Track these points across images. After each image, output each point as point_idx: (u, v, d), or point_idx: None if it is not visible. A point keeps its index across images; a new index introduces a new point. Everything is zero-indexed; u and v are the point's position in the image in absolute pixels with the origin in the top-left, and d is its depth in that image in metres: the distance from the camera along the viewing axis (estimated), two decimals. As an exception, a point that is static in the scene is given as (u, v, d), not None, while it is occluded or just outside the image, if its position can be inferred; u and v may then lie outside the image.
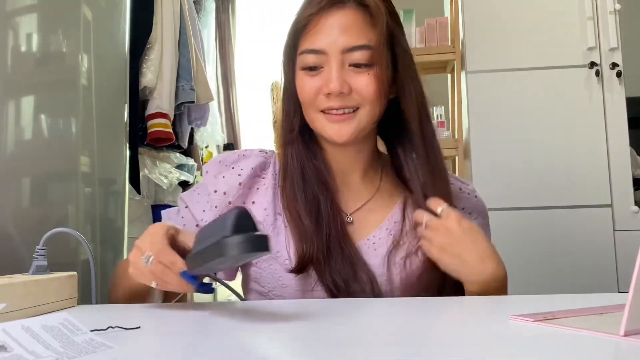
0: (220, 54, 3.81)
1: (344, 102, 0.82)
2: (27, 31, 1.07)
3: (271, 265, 0.85)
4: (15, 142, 1.03)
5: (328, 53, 0.82)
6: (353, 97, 0.83)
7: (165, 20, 2.25)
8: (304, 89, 0.84)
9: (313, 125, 0.87)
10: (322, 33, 0.83)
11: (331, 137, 0.84)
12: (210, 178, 0.90)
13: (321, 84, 0.83)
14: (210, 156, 3.42)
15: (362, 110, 0.84)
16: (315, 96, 0.84)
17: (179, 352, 0.47)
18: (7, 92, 1.02)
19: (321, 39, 0.83)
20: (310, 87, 0.84)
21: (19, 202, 1.04)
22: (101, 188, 1.19)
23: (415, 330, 0.53)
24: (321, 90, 0.83)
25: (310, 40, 0.83)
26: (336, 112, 0.83)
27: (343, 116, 0.83)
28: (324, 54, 0.83)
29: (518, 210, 1.97)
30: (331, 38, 0.82)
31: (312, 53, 0.83)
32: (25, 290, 0.65)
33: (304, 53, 0.84)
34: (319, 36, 0.83)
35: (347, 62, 0.83)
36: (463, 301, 0.77)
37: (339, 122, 0.83)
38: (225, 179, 0.89)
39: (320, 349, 0.47)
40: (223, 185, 0.89)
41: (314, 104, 0.84)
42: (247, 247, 0.55)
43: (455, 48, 2.18)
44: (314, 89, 0.83)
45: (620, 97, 1.98)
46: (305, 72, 0.85)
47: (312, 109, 0.85)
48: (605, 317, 0.55)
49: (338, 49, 0.82)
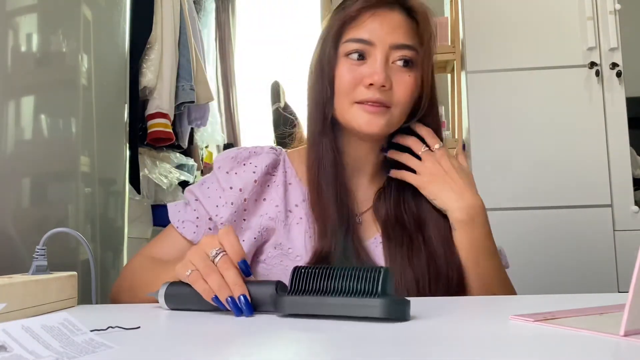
0: (220, 54, 3.81)
1: (382, 97, 0.83)
2: (27, 31, 1.07)
3: (282, 262, 0.86)
4: (15, 142, 1.03)
5: (375, 45, 0.83)
6: (391, 95, 0.84)
7: (165, 20, 2.25)
8: (346, 76, 0.84)
9: (343, 115, 0.86)
10: (371, 26, 0.84)
11: (361, 127, 0.84)
12: (223, 174, 0.89)
13: (364, 74, 0.83)
14: (210, 156, 3.42)
15: (394, 110, 0.85)
16: (355, 86, 0.84)
17: (179, 352, 0.47)
18: (7, 92, 1.02)
19: (370, 31, 0.84)
20: (353, 76, 0.84)
21: (19, 202, 1.04)
22: (101, 188, 1.19)
23: (415, 330, 0.53)
24: (363, 81, 0.83)
25: (360, 31, 0.84)
26: (372, 104, 0.83)
27: (377, 108, 0.83)
28: (370, 45, 0.84)
29: (518, 210, 1.97)
30: (380, 32, 0.84)
31: (359, 42, 0.84)
32: (25, 290, 0.65)
33: (350, 41, 0.84)
34: (367, 28, 0.84)
35: (391, 59, 0.84)
36: (463, 301, 0.77)
37: (372, 113, 0.83)
38: (238, 175, 0.89)
39: (320, 349, 0.47)
40: (238, 181, 0.88)
41: (352, 93, 0.84)
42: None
43: (455, 48, 2.18)
44: (357, 78, 0.83)
45: (620, 97, 1.98)
46: (348, 59, 0.85)
47: (348, 99, 0.84)
48: (605, 317, 0.55)
49: (386, 43, 0.83)
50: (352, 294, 0.56)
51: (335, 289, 0.57)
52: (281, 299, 0.60)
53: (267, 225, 0.87)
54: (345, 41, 0.85)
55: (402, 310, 0.56)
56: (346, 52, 0.85)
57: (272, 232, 0.87)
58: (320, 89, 0.87)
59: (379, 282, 0.55)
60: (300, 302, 0.59)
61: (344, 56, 0.85)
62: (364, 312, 0.55)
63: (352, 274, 0.57)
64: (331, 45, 0.86)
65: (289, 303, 0.60)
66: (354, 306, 0.55)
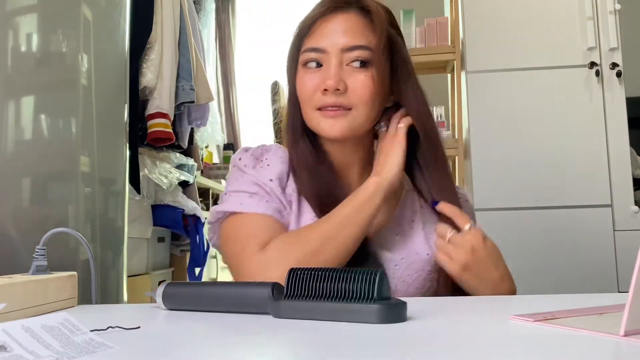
0: (220, 54, 3.81)
1: (338, 100, 0.85)
2: (27, 31, 1.07)
3: None
4: (15, 142, 1.03)
5: (328, 52, 0.86)
6: (348, 96, 0.85)
7: (165, 20, 2.25)
8: (303, 85, 0.88)
9: (310, 124, 0.89)
10: (324, 34, 0.87)
11: (325, 131, 0.86)
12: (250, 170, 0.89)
13: (319, 81, 0.86)
14: (210, 156, 3.42)
15: (355, 112, 0.86)
16: (313, 93, 0.86)
17: (179, 352, 0.47)
18: (7, 92, 1.02)
19: (323, 39, 0.86)
20: (310, 84, 0.87)
21: (19, 202, 1.04)
22: (101, 188, 1.18)
23: (414, 330, 0.53)
24: (319, 87, 0.85)
25: (313, 40, 0.87)
26: (331, 109, 0.85)
27: (337, 112, 0.85)
28: (324, 53, 0.86)
29: (518, 210, 1.97)
30: (333, 38, 0.86)
31: (313, 51, 0.87)
32: (25, 290, 0.65)
33: (306, 51, 0.88)
34: (321, 36, 0.87)
35: (345, 62, 0.86)
36: (463, 301, 0.77)
37: (333, 118, 0.85)
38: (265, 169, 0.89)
39: (318, 350, 0.47)
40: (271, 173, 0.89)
41: (311, 101, 0.87)
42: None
43: (455, 48, 2.18)
44: (313, 85, 0.86)
45: (620, 97, 1.98)
46: (305, 68, 0.88)
47: (309, 106, 0.87)
48: (605, 317, 0.55)
49: (338, 48, 0.85)
50: (348, 298, 0.57)
51: (332, 292, 0.58)
52: (277, 304, 0.60)
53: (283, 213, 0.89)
54: (302, 52, 0.89)
55: (398, 314, 0.57)
56: (303, 62, 0.88)
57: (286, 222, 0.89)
58: (291, 104, 0.92)
59: (374, 285, 0.56)
60: (296, 307, 0.59)
61: (302, 66, 0.89)
62: (361, 318, 0.55)
63: (348, 276, 0.58)
64: (292, 57, 0.91)
65: (285, 308, 0.60)
66: (350, 312, 0.56)
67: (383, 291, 0.56)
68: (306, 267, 0.61)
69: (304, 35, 0.89)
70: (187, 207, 2.49)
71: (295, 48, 0.91)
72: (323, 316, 0.57)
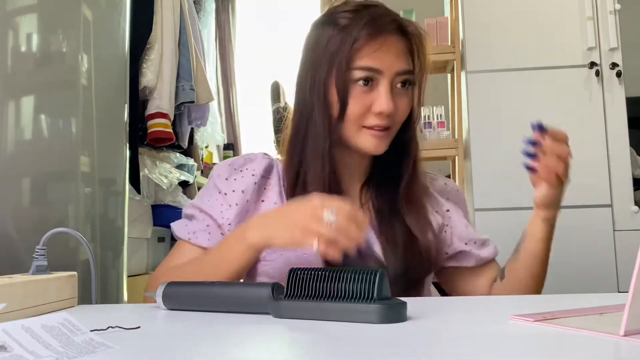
0: (220, 54, 3.81)
1: (389, 122, 0.89)
2: (27, 31, 1.07)
3: (282, 255, 0.88)
4: (15, 142, 1.03)
5: (383, 72, 0.88)
6: (393, 117, 0.90)
7: (165, 20, 2.25)
8: (357, 104, 0.88)
9: (350, 138, 0.91)
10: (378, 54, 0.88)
11: (369, 149, 0.90)
12: (222, 181, 0.94)
13: (372, 101, 0.88)
14: (210, 156, 3.42)
15: (393, 129, 0.91)
16: (365, 112, 0.89)
17: (179, 352, 0.47)
18: (7, 92, 1.02)
19: (378, 59, 0.88)
20: (363, 104, 0.88)
21: (19, 202, 1.04)
22: (101, 188, 1.18)
23: (414, 330, 0.53)
24: (372, 109, 0.88)
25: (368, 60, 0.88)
26: (379, 129, 0.89)
27: (383, 132, 0.89)
28: (379, 73, 0.88)
29: (518, 210, 1.97)
30: (387, 60, 0.88)
31: (369, 71, 0.88)
32: (25, 290, 0.65)
33: (361, 69, 0.88)
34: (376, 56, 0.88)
35: (395, 83, 0.90)
36: (463, 301, 0.77)
37: (379, 137, 0.89)
38: (237, 181, 0.93)
39: (318, 349, 0.47)
40: (238, 185, 0.93)
41: (360, 119, 0.89)
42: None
43: (455, 48, 2.18)
44: (366, 105, 0.88)
45: (620, 97, 1.98)
46: (357, 86, 0.88)
47: (357, 124, 0.89)
48: (605, 317, 0.55)
49: (393, 71, 0.89)
50: (349, 298, 0.57)
51: (331, 292, 0.58)
52: (277, 304, 0.60)
53: None
54: (355, 68, 0.88)
55: (399, 314, 0.57)
56: (355, 79, 0.88)
57: None
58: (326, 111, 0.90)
59: (374, 285, 0.56)
60: (297, 307, 0.59)
61: (354, 82, 0.89)
62: (361, 318, 0.55)
63: (348, 276, 0.58)
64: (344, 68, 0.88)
65: (286, 308, 0.60)
66: (350, 312, 0.56)
67: (383, 291, 0.56)
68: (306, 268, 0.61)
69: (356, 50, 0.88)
70: (187, 207, 2.48)
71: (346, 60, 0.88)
72: (323, 316, 0.57)
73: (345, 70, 0.88)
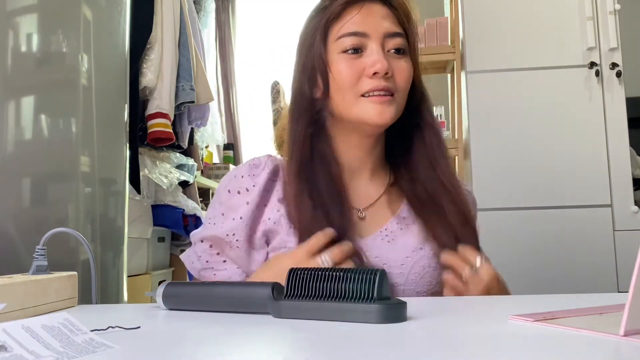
0: (220, 54, 3.81)
1: (387, 84, 0.83)
2: (27, 31, 1.07)
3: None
4: (15, 142, 1.03)
5: (370, 35, 0.84)
6: (393, 81, 0.84)
7: (165, 20, 2.25)
8: (347, 71, 0.84)
9: (349, 111, 0.85)
10: (362, 18, 0.84)
11: (373, 119, 0.83)
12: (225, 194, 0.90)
13: (364, 65, 0.83)
14: (210, 156, 3.43)
15: (397, 96, 0.85)
16: (358, 78, 0.83)
17: (179, 352, 0.47)
18: (7, 92, 1.02)
19: (362, 23, 0.84)
20: (355, 69, 0.83)
21: (19, 202, 1.04)
22: (101, 188, 1.18)
23: (414, 330, 0.53)
24: (366, 72, 0.83)
25: (350, 25, 0.84)
26: (379, 94, 0.83)
27: (385, 98, 0.83)
28: (365, 37, 0.84)
29: (518, 210, 1.97)
30: (372, 22, 0.84)
31: (353, 36, 0.84)
32: (25, 290, 0.65)
33: (344, 37, 0.84)
34: (358, 21, 0.84)
35: (386, 48, 0.84)
36: (463, 301, 0.77)
37: (382, 103, 0.83)
38: (241, 194, 0.89)
39: (317, 350, 0.47)
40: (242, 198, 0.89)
41: (356, 86, 0.84)
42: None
43: (455, 48, 2.18)
44: (359, 70, 0.83)
45: (620, 97, 1.98)
46: (345, 55, 0.84)
47: (353, 92, 0.84)
48: (605, 317, 0.55)
49: (380, 32, 0.84)
50: (348, 298, 0.57)
51: (331, 292, 0.58)
52: (278, 304, 0.60)
53: (269, 228, 0.87)
54: (337, 38, 0.85)
55: (398, 314, 0.57)
56: (341, 49, 0.84)
57: (276, 234, 0.87)
58: (310, 93, 0.87)
59: (374, 285, 0.56)
60: (297, 307, 0.59)
61: (339, 53, 0.85)
62: (361, 318, 0.55)
63: (348, 276, 0.57)
64: (320, 45, 0.85)
65: (286, 308, 0.60)
66: (350, 312, 0.56)
67: (383, 291, 0.56)
68: (306, 268, 0.61)
69: (334, 21, 0.85)
70: (187, 207, 2.49)
71: (322, 35, 0.85)
72: (323, 316, 0.57)
73: (324, 43, 0.85)
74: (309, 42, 0.88)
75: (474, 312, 0.67)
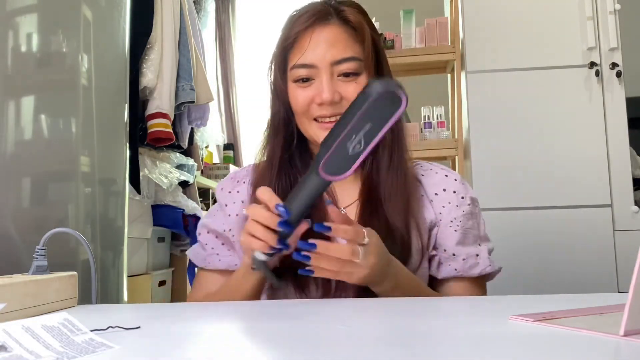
0: (220, 54, 3.81)
1: (335, 110, 0.88)
2: (27, 31, 1.07)
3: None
4: (15, 142, 1.03)
5: (318, 66, 0.88)
6: (343, 105, 0.88)
7: (165, 20, 2.25)
8: (298, 99, 0.90)
9: (307, 133, 0.92)
10: (311, 48, 0.89)
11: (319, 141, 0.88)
12: (225, 194, 0.98)
13: (314, 94, 0.89)
14: (210, 156, 3.43)
15: None
16: (308, 106, 0.89)
17: (179, 352, 0.47)
18: (7, 92, 1.02)
19: (310, 54, 0.88)
20: (304, 98, 0.89)
21: (19, 202, 1.04)
22: (101, 188, 1.19)
23: (414, 330, 0.53)
24: (314, 100, 0.89)
25: (300, 56, 0.89)
26: (328, 120, 0.89)
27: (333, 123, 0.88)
28: (314, 68, 0.88)
29: (518, 210, 1.97)
30: (320, 52, 0.88)
31: (303, 67, 0.89)
32: (25, 290, 0.65)
33: (296, 68, 0.89)
34: (308, 51, 0.88)
35: (336, 73, 0.88)
36: (463, 301, 0.77)
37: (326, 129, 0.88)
38: (240, 193, 0.97)
39: (318, 348, 0.47)
40: (239, 196, 0.97)
41: (307, 113, 0.90)
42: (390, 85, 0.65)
43: (455, 48, 2.18)
44: (307, 99, 0.89)
45: (620, 97, 1.98)
46: (297, 84, 0.90)
47: (305, 117, 0.91)
48: (605, 317, 0.55)
49: (327, 62, 0.88)
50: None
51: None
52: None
53: None
54: (291, 68, 0.90)
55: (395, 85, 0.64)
56: (294, 79, 0.90)
57: None
58: (278, 110, 0.94)
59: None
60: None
61: (292, 82, 0.90)
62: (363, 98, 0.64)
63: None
64: (280, 74, 0.93)
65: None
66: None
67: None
68: None
69: (289, 50, 0.90)
70: (187, 207, 2.49)
71: (280, 63, 0.92)
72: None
73: (283, 71, 0.91)
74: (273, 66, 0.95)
75: (474, 312, 0.67)
